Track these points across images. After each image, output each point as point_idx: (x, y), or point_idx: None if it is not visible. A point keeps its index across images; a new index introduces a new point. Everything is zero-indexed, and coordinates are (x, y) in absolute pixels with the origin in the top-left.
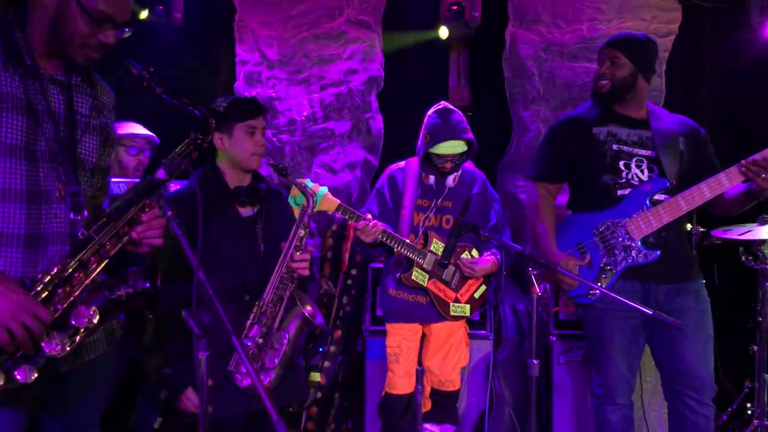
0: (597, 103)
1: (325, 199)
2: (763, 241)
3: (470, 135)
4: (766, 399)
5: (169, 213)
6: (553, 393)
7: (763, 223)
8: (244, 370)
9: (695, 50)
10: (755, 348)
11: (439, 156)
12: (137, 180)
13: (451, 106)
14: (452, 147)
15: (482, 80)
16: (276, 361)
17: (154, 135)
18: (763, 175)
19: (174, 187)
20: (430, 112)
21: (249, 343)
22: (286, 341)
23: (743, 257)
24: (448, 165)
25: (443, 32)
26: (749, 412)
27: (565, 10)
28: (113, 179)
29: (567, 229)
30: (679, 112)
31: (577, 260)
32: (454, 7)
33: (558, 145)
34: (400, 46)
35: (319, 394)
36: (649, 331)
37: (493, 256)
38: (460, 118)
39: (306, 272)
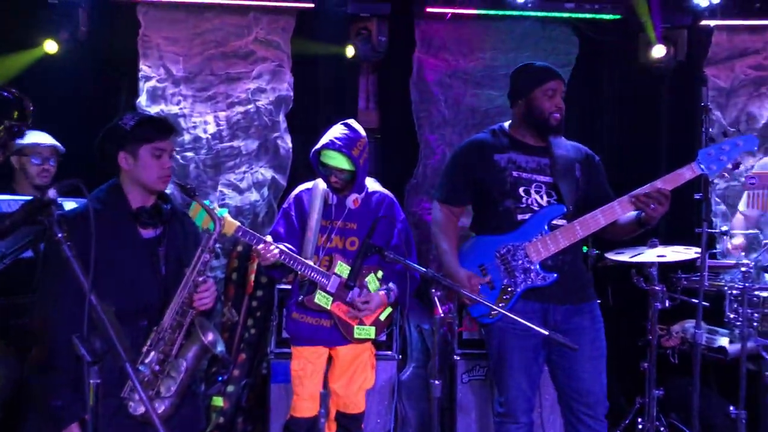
0: (500, 129)
1: (225, 221)
2: (652, 263)
3: (350, 152)
4: (655, 414)
5: (60, 235)
6: (457, 411)
7: (652, 247)
8: (138, 398)
9: (591, 81)
10: (646, 365)
11: (325, 167)
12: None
13: (354, 126)
14: (334, 160)
15: (390, 104)
16: (173, 389)
17: (59, 144)
18: (653, 206)
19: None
20: None
21: (144, 370)
22: (183, 369)
23: (635, 279)
24: (333, 179)
25: (350, 51)
26: (640, 426)
27: (469, 39)
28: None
29: (470, 251)
30: (576, 139)
31: (480, 278)
32: (363, 31)
33: (461, 170)
34: (310, 67)
35: (221, 419)
36: (547, 350)
37: (384, 291)
38: (353, 136)
39: (207, 306)
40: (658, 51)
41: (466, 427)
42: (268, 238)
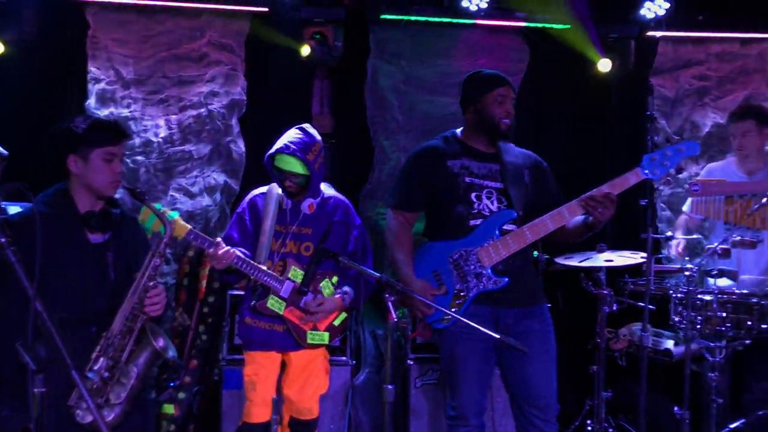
0: (452, 136)
1: (176, 224)
2: (600, 268)
3: (304, 157)
4: (604, 415)
5: (2, 239)
6: (410, 416)
7: (600, 251)
8: (86, 406)
9: (541, 89)
10: (595, 368)
11: (279, 170)
12: None
13: (309, 129)
14: (289, 164)
15: (345, 109)
16: (123, 396)
17: (1, 147)
18: (599, 210)
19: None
20: None
21: (93, 377)
22: (134, 375)
23: (584, 283)
24: (288, 184)
25: (305, 50)
26: (589, 428)
27: (423, 45)
28: None
29: (424, 256)
30: (526, 146)
31: (434, 289)
32: (318, 36)
33: (414, 176)
34: (264, 72)
35: (172, 427)
36: (498, 353)
37: (339, 296)
38: (308, 140)
39: (158, 312)
40: (604, 65)
41: (418, 431)
42: (219, 243)
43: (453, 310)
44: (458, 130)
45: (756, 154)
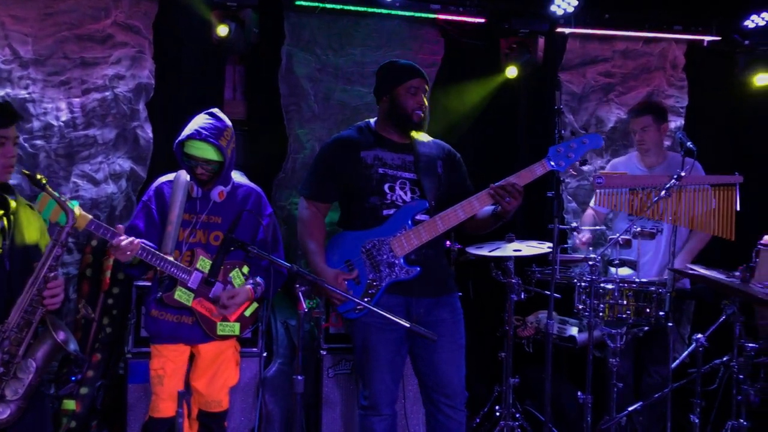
0: (366, 126)
1: (76, 213)
2: (509, 258)
3: (217, 142)
4: (511, 401)
5: None
6: (323, 406)
7: (509, 242)
8: None
9: (455, 81)
10: (503, 355)
11: (189, 157)
12: None
13: (220, 114)
14: (201, 150)
15: (258, 95)
16: (20, 391)
17: None
18: (507, 199)
19: None
20: None
21: None
22: (33, 369)
23: (493, 272)
24: (200, 171)
25: (222, 30)
26: (497, 414)
27: (339, 34)
28: None
29: (337, 246)
30: (439, 137)
31: (345, 274)
32: (230, 21)
33: (328, 166)
34: (174, 55)
35: (73, 423)
36: (410, 342)
37: (251, 286)
38: (220, 125)
39: (57, 304)
40: (512, 72)
41: (331, 422)
42: (122, 233)
43: (365, 299)
44: (372, 121)
45: (655, 149)
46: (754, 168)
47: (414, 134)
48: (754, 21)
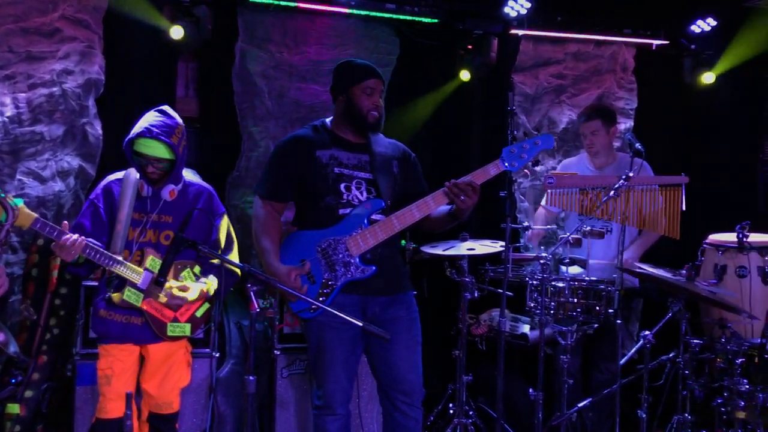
0: (321, 125)
1: (20, 212)
2: (463, 257)
3: (169, 140)
4: (465, 399)
5: None
6: (276, 407)
7: (463, 240)
8: None
9: (411, 82)
10: (457, 353)
11: (140, 156)
12: None
13: (170, 111)
14: (151, 148)
15: (212, 93)
16: None
17: None
18: (462, 198)
19: None
20: None
21: None
22: None
23: (447, 271)
24: (150, 169)
25: (177, 32)
26: (451, 411)
27: (293, 32)
28: None
29: (292, 246)
30: (395, 137)
31: (298, 269)
32: (183, 16)
33: (283, 165)
34: (125, 51)
35: (17, 428)
36: (365, 341)
37: (202, 285)
38: (171, 123)
39: None
40: (465, 75)
41: (285, 422)
42: (66, 227)
43: (321, 299)
44: (328, 120)
45: (604, 151)
46: (700, 169)
47: (370, 134)
48: (699, 26)
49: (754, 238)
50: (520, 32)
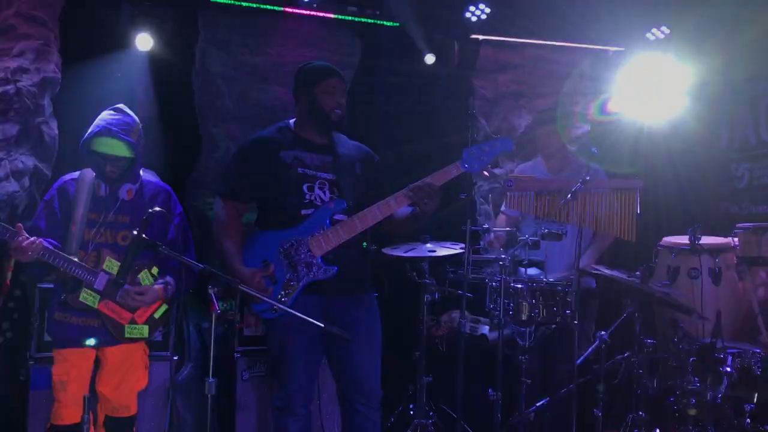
0: (285, 126)
1: None
2: (424, 258)
3: (128, 138)
4: (425, 400)
5: None
6: (236, 409)
7: (424, 242)
8: None
9: (372, 83)
10: (417, 353)
11: (98, 155)
12: None
13: (126, 110)
14: (110, 147)
15: (171, 93)
16: None
17: None
18: (425, 200)
19: None
20: None
21: None
22: None
23: (409, 272)
24: (109, 168)
25: (142, 41)
26: (411, 412)
27: (254, 33)
28: None
29: (254, 246)
30: (357, 139)
31: (262, 271)
32: (144, 16)
33: (245, 165)
34: (82, 49)
35: None
36: (326, 342)
37: (161, 285)
38: (129, 121)
39: None
40: (429, 59)
41: (245, 425)
42: (21, 229)
43: (283, 300)
44: (291, 121)
45: (559, 155)
46: (656, 173)
47: (333, 135)
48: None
49: (707, 240)
50: (480, 37)
